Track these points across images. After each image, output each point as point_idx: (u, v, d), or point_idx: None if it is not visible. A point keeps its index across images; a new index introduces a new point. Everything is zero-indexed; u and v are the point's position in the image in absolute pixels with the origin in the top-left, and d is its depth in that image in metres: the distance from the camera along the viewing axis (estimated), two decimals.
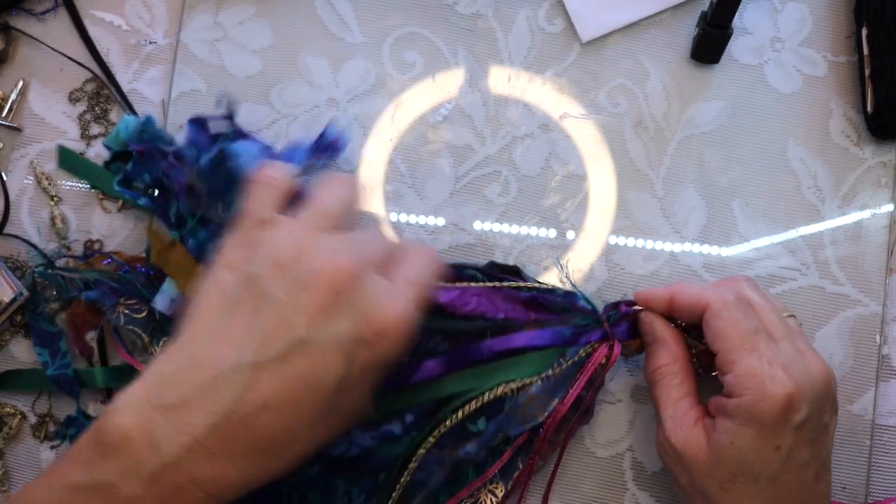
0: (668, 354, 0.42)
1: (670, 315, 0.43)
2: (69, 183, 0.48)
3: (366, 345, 0.35)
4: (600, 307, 0.45)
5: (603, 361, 0.44)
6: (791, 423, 0.38)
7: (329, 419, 0.36)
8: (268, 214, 0.37)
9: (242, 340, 0.34)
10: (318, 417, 0.35)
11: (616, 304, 0.45)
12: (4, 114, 0.49)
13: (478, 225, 0.49)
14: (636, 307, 0.44)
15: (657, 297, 0.43)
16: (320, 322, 0.34)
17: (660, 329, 0.43)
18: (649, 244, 0.49)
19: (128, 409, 0.33)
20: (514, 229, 0.49)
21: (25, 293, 0.47)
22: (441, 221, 0.49)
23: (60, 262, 0.48)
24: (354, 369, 0.35)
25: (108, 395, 0.48)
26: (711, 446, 0.39)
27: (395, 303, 0.35)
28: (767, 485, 0.38)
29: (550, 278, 0.48)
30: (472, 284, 0.45)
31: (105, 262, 0.47)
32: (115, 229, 0.48)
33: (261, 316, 0.34)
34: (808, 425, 0.39)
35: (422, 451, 0.42)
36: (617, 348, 0.44)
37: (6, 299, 0.46)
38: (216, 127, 0.46)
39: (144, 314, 0.46)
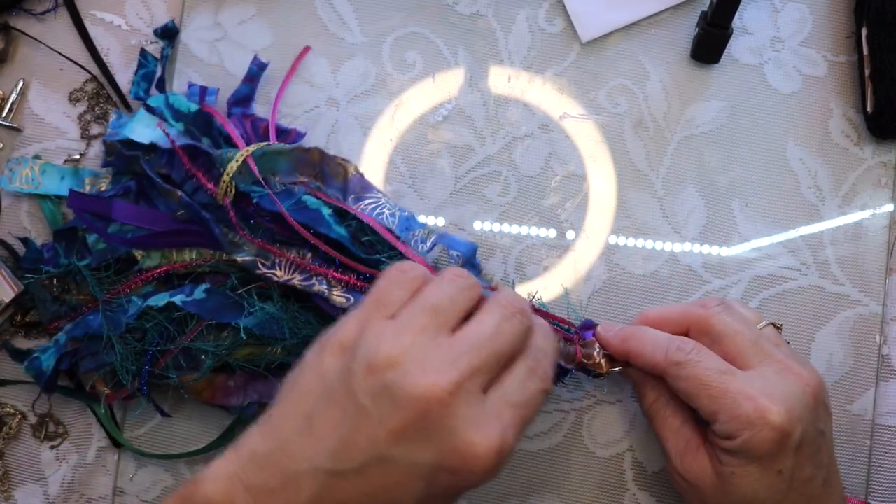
0: (651, 392, 0.42)
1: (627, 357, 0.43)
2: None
3: (450, 473, 0.33)
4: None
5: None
6: (790, 447, 0.38)
7: None
8: (389, 304, 0.35)
9: (327, 441, 0.33)
10: None
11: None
12: (4, 114, 0.49)
13: (478, 225, 0.49)
14: (600, 360, 0.43)
15: (617, 345, 0.43)
16: (403, 444, 0.32)
17: (633, 371, 0.43)
18: (649, 244, 0.49)
19: (218, 481, 0.33)
20: (514, 229, 0.49)
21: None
22: (441, 221, 0.49)
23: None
24: (434, 490, 0.33)
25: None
26: (718, 476, 0.39)
27: (487, 433, 0.32)
28: None
29: (551, 278, 0.48)
30: None
31: None
32: None
33: (346, 420, 0.33)
34: (806, 441, 0.38)
35: None
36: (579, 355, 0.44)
37: (6, 299, 0.46)
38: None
39: None
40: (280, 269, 0.43)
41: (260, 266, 0.43)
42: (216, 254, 0.45)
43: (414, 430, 0.32)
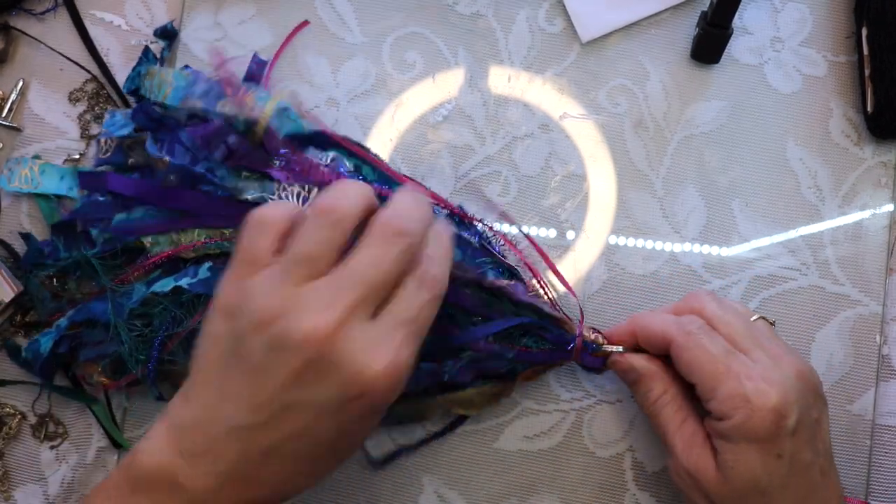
0: (660, 385, 0.42)
1: (638, 347, 0.43)
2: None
3: (353, 401, 0.34)
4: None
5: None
6: (786, 430, 0.38)
7: (335, 459, 0.37)
8: (258, 252, 0.36)
9: (236, 401, 0.35)
10: (320, 461, 0.36)
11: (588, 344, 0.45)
12: (4, 114, 0.49)
13: (478, 225, 0.49)
14: (606, 347, 0.44)
15: (620, 334, 0.44)
16: (303, 387, 0.34)
17: (640, 364, 0.43)
18: (649, 244, 0.49)
19: (154, 453, 0.35)
20: (515, 229, 0.49)
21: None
22: None
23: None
24: (346, 423, 0.35)
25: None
26: (720, 467, 0.39)
27: (378, 356, 0.34)
28: (780, 494, 0.39)
29: (551, 279, 0.48)
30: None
31: None
32: None
33: (248, 379, 0.34)
34: (802, 426, 0.39)
35: None
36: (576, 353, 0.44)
37: (6, 299, 0.46)
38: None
39: None
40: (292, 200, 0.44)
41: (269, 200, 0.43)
42: (224, 231, 0.45)
43: (309, 373, 0.33)
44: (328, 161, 0.45)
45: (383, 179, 0.45)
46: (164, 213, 0.45)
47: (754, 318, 0.43)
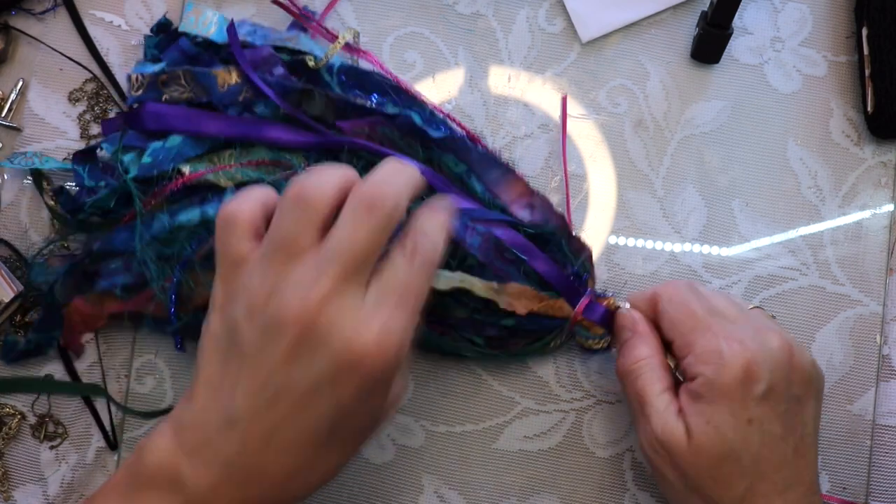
0: (648, 347, 0.43)
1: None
2: (69, 184, 0.48)
3: (348, 376, 0.34)
4: None
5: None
6: (755, 393, 0.38)
7: (340, 444, 0.36)
8: (238, 252, 0.36)
9: (233, 392, 0.35)
10: (324, 448, 0.36)
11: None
12: (4, 114, 0.49)
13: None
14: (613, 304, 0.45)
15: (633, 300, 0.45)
16: (296, 364, 0.34)
17: (641, 323, 0.43)
18: (649, 244, 0.49)
19: (156, 450, 0.36)
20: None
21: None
22: None
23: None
24: (345, 400, 0.34)
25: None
26: (692, 434, 0.39)
27: (368, 327, 0.34)
28: (750, 463, 0.39)
29: None
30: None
31: None
32: None
33: (243, 368, 0.35)
34: (775, 395, 0.39)
35: None
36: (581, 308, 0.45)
37: (6, 299, 0.46)
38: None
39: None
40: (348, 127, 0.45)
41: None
42: (264, 157, 0.45)
43: (301, 350, 0.34)
44: (373, 104, 0.46)
45: (431, 122, 0.46)
46: (201, 142, 0.45)
47: (751, 307, 0.43)
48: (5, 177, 0.49)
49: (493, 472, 0.48)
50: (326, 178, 0.35)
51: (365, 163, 0.45)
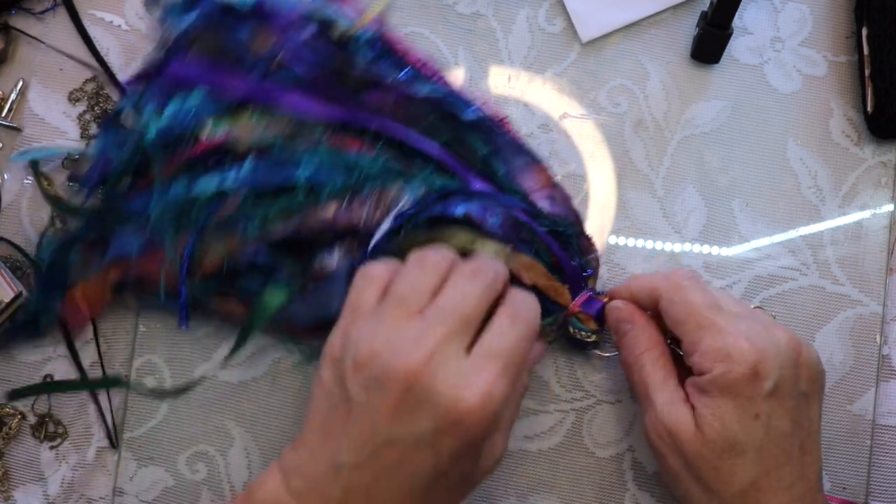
0: (649, 339, 0.43)
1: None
2: (69, 184, 0.48)
3: (449, 434, 0.35)
4: None
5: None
6: (763, 389, 0.38)
7: (434, 499, 0.37)
8: (364, 300, 0.38)
9: (340, 440, 0.36)
10: (419, 500, 0.36)
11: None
12: (4, 114, 0.49)
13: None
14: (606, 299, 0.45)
15: (620, 294, 0.45)
16: (400, 421, 0.35)
17: (637, 315, 0.44)
18: (649, 244, 0.49)
19: (267, 490, 0.38)
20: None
21: (26, 293, 0.47)
22: None
23: None
24: (444, 457, 0.35)
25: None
26: (699, 423, 0.39)
27: (471, 387, 0.35)
28: (755, 457, 0.39)
29: None
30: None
31: None
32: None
33: (350, 419, 0.36)
34: (783, 392, 0.39)
35: None
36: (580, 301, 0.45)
37: (6, 299, 0.46)
38: None
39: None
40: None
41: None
42: (282, 120, 0.45)
43: (405, 406, 0.35)
44: (401, 80, 0.46)
45: (461, 103, 0.46)
46: (222, 101, 0.45)
47: (752, 307, 0.43)
48: (6, 176, 0.49)
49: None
50: (445, 251, 0.39)
51: (385, 142, 0.45)
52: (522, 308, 0.38)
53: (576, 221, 0.47)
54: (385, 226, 0.44)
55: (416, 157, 0.45)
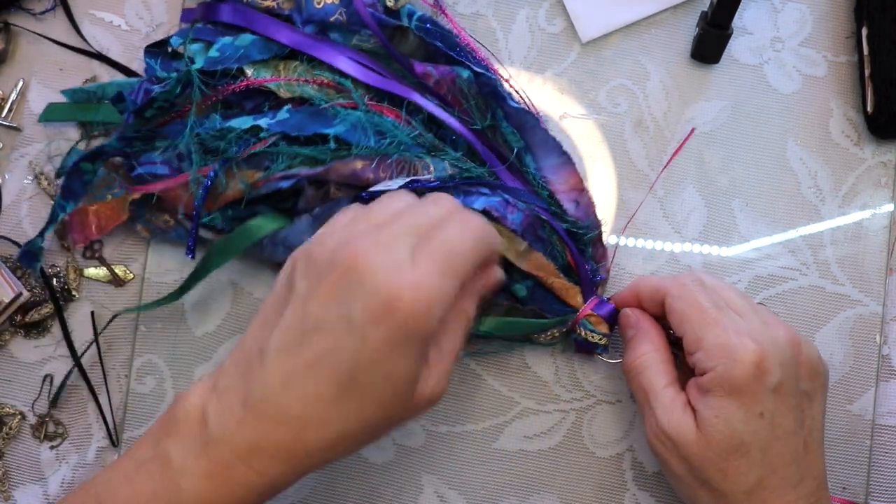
0: (651, 343, 0.43)
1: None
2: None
3: (379, 320, 0.34)
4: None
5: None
6: (767, 386, 0.39)
7: (358, 398, 0.35)
8: (337, 221, 0.38)
9: (271, 327, 0.36)
10: (342, 396, 0.35)
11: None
12: (4, 114, 0.49)
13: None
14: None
15: (626, 297, 0.45)
16: (329, 305, 0.34)
17: (643, 320, 0.44)
18: (649, 244, 0.49)
19: (192, 395, 0.37)
20: None
21: (26, 293, 0.47)
22: None
23: (61, 264, 0.48)
24: (370, 344, 0.34)
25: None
26: (701, 427, 0.39)
27: (405, 276, 0.34)
28: (760, 457, 0.39)
29: None
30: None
31: None
32: (114, 229, 0.48)
33: (287, 308, 0.36)
34: (786, 389, 0.39)
35: None
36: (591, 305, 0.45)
37: (6, 299, 0.46)
38: None
39: None
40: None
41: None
42: (323, 73, 0.46)
43: (340, 287, 0.34)
44: (453, 55, 0.46)
45: (506, 91, 0.47)
46: (270, 48, 0.46)
47: (756, 302, 0.43)
48: (6, 176, 0.49)
49: (493, 472, 0.48)
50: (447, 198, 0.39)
51: (422, 118, 0.46)
52: (476, 223, 0.37)
53: (597, 228, 0.47)
54: (393, 183, 0.43)
55: (448, 139, 0.46)
